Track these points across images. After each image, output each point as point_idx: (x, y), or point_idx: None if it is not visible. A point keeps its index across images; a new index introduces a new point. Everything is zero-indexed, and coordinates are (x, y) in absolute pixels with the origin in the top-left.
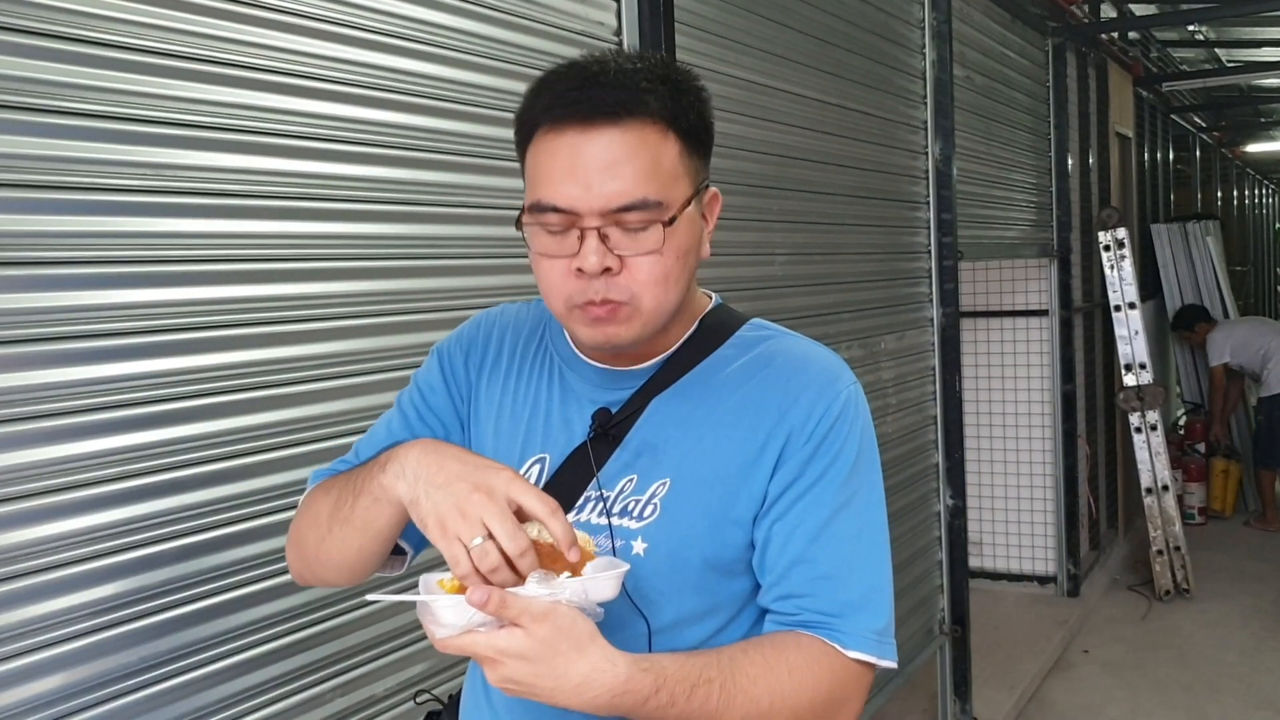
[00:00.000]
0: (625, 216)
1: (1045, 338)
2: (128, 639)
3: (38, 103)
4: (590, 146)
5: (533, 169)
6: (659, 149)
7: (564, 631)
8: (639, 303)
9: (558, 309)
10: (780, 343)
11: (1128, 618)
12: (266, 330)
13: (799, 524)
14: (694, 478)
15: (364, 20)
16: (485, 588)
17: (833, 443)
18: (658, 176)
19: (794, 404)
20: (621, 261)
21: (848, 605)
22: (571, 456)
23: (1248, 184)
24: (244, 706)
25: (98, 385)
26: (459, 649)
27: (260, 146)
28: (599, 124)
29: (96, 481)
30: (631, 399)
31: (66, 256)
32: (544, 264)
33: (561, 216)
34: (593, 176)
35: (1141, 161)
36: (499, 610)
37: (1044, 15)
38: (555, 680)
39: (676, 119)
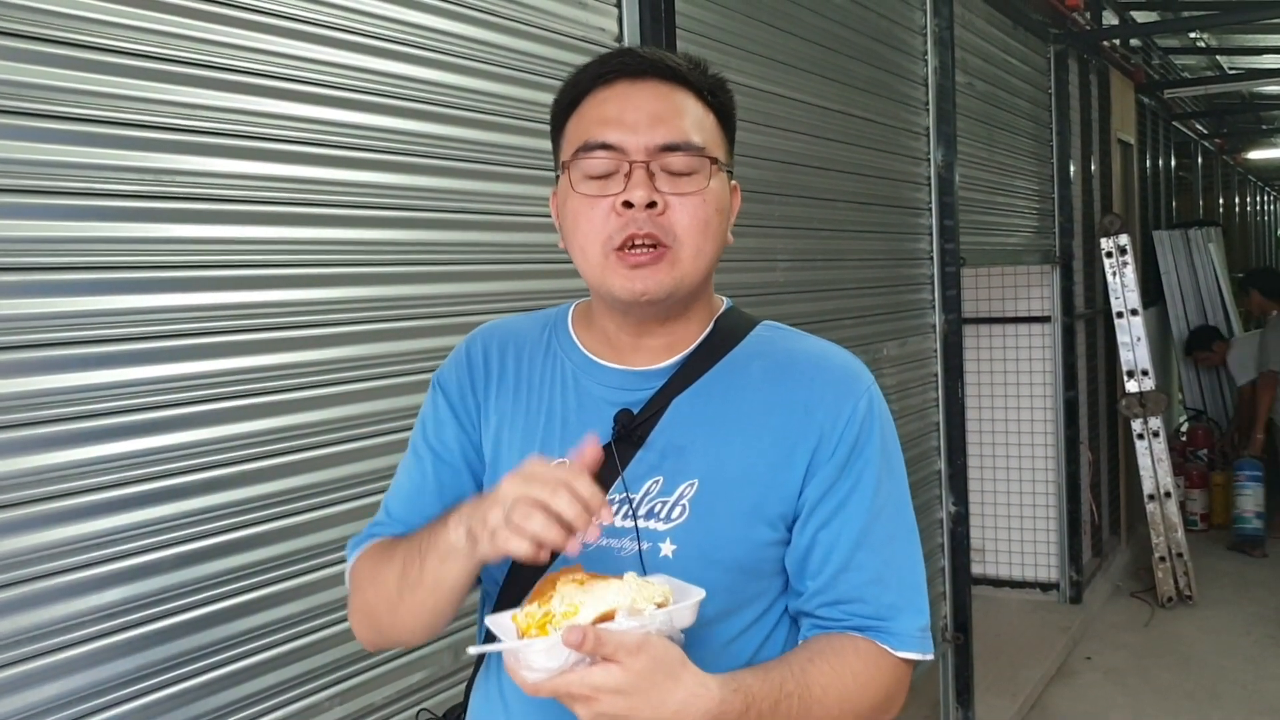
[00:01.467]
0: (672, 157)
1: (1047, 344)
2: (125, 646)
3: (33, 108)
4: (640, 93)
5: (578, 123)
6: (699, 112)
7: (659, 662)
8: (679, 248)
9: (594, 256)
10: (798, 342)
11: (1130, 624)
12: (264, 336)
13: (842, 530)
14: (723, 478)
15: (364, 26)
16: (579, 626)
17: (864, 445)
18: (701, 128)
19: (820, 404)
20: (665, 201)
21: (894, 608)
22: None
23: (1249, 190)
24: (242, 714)
25: (95, 391)
26: (552, 691)
27: (258, 152)
28: (648, 77)
29: (95, 488)
30: (652, 400)
31: (63, 262)
32: (585, 207)
33: (609, 154)
34: (642, 117)
35: (1143, 168)
36: (595, 648)
37: (1046, 22)
38: (652, 711)
39: (714, 95)
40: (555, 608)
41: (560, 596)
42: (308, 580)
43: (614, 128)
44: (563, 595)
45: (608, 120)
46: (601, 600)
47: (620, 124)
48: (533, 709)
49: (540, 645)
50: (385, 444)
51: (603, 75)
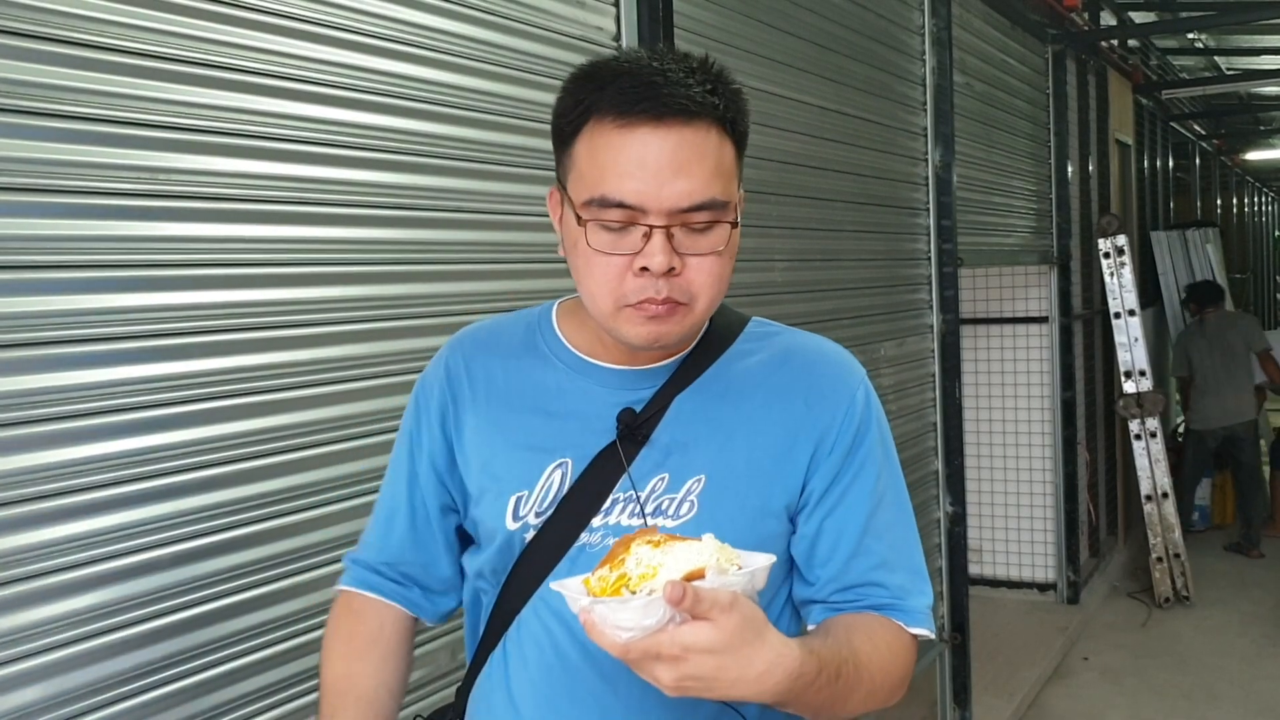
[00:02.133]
0: (693, 216)
1: (1045, 344)
2: (120, 646)
3: (30, 105)
4: (662, 144)
5: (592, 163)
6: (720, 151)
7: (750, 621)
8: (695, 304)
9: (604, 307)
10: (790, 338)
11: (1128, 625)
12: (261, 335)
13: (849, 518)
14: (729, 473)
15: (362, 25)
16: (680, 583)
17: (864, 435)
18: (721, 177)
19: (819, 396)
20: (683, 263)
21: (903, 588)
22: (596, 459)
23: (1247, 191)
24: (238, 714)
25: (91, 389)
26: (642, 651)
27: (256, 150)
28: (670, 122)
29: (90, 487)
30: (655, 398)
31: (59, 261)
32: (598, 261)
33: (626, 212)
34: (665, 174)
35: (1141, 169)
36: (693, 605)
37: (1044, 22)
38: (740, 670)
39: (735, 122)
40: (630, 570)
41: (635, 559)
42: (302, 580)
43: (633, 182)
44: (638, 558)
45: (627, 174)
46: (684, 560)
47: (640, 179)
48: (545, 708)
49: (637, 602)
50: (380, 443)
51: (618, 105)
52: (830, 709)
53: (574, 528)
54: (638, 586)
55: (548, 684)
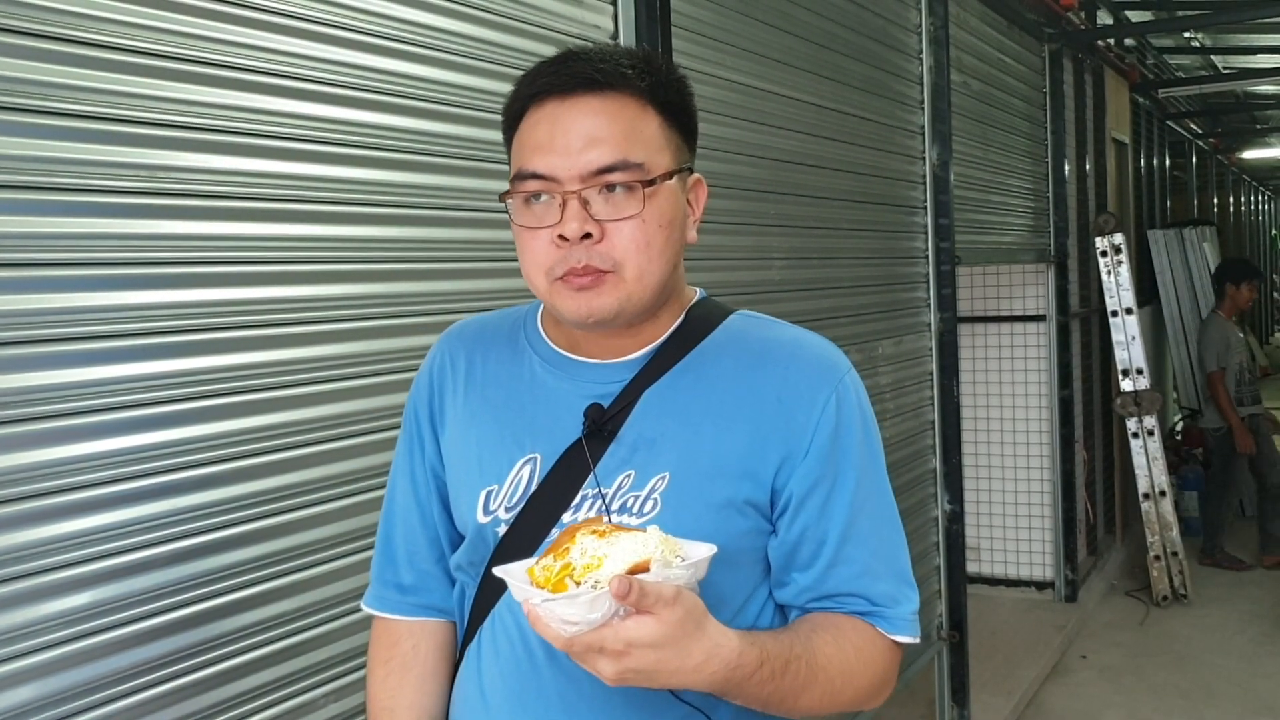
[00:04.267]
0: (605, 179)
1: (1043, 343)
2: (118, 644)
3: (25, 103)
4: (569, 113)
5: (516, 147)
6: (638, 118)
7: (689, 614)
8: (622, 271)
9: (540, 285)
10: (772, 331)
11: (1125, 623)
12: (256, 333)
13: (829, 524)
14: (694, 470)
15: (358, 22)
16: (627, 578)
17: (842, 435)
18: (638, 141)
19: (794, 393)
20: (602, 228)
21: (886, 595)
22: (565, 455)
23: (1244, 190)
24: (236, 712)
25: (88, 387)
26: (585, 646)
27: (252, 148)
28: (578, 93)
29: (87, 485)
30: (623, 392)
31: (54, 258)
32: (525, 237)
33: (542, 183)
34: (572, 141)
35: (1138, 167)
36: (639, 599)
37: (1041, 21)
38: (679, 662)
39: (655, 93)
40: (575, 560)
41: (580, 549)
42: (301, 577)
43: (543, 154)
44: (584, 548)
45: (538, 146)
46: (629, 552)
47: (550, 149)
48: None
49: (584, 597)
50: (376, 441)
51: (535, 94)
52: (779, 704)
53: (544, 524)
54: (582, 577)
55: (516, 678)
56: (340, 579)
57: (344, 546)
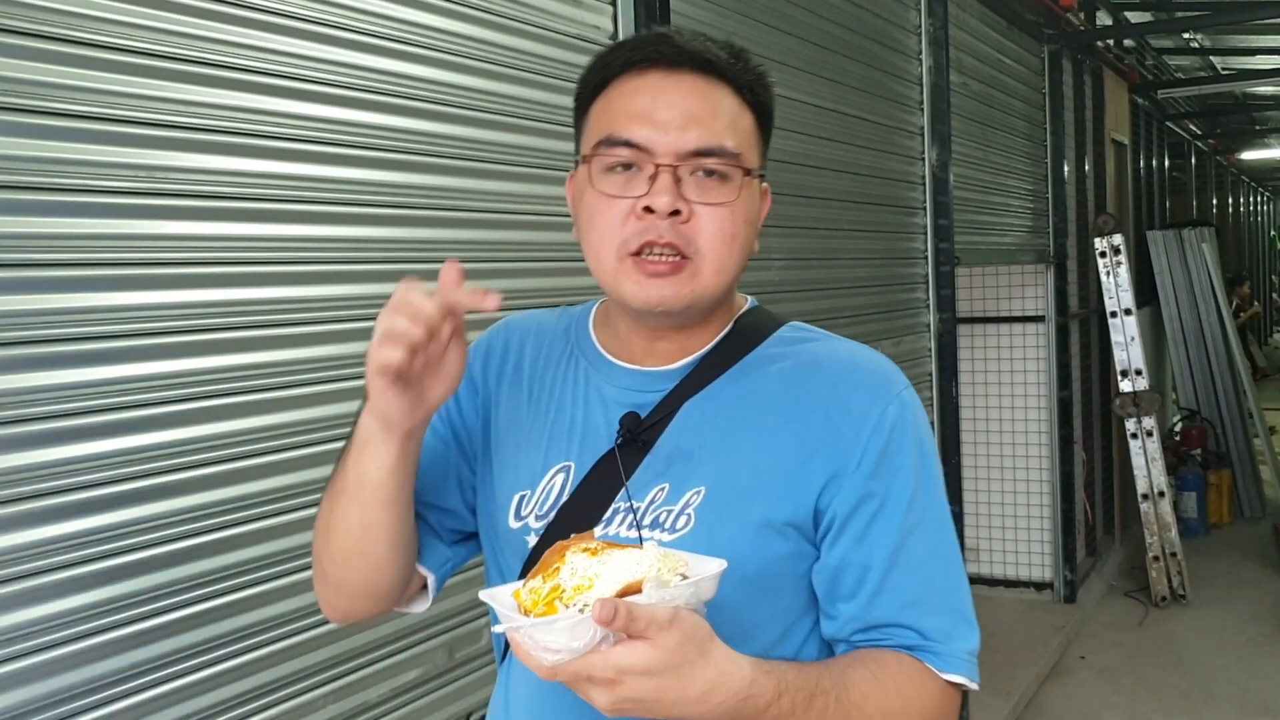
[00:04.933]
0: (703, 161)
1: (1042, 344)
2: (118, 644)
3: (24, 103)
4: (675, 88)
5: (602, 112)
6: (738, 111)
7: (690, 638)
8: (701, 261)
9: (606, 262)
10: (824, 345)
11: (1124, 624)
12: (255, 334)
13: (874, 550)
14: (731, 486)
15: (357, 23)
16: (611, 600)
17: (894, 455)
18: (736, 130)
19: (843, 410)
20: (691, 209)
21: (939, 630)
22: (598, 465)
23: (1243, 191)
24: (236, 713)
25: (89, 389)
26: (572, 674)
27: (249, 149)
28: (685, 70)
29: (87, 485)
30: (662, 402)
31: (51, 259)
32: (601, 206)
33: (634, 153)
34: (674, 116)
35: (1137, 168)
36: (627, 624)
37: (1040, 22)
38: (680, 692)
39: (754, 90)
40: (565, 581)
41: (570, 569)
42: (300, 578)
43: (642, 124)
44: (574, 568)
45: (636, 115)
46: (622, 571)
47: (650, 121)
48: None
49: (564, 623)
50: None
51: (635, 62)
52: None
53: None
54: (572, 600)
55: (539, 695)
56: None
57: None
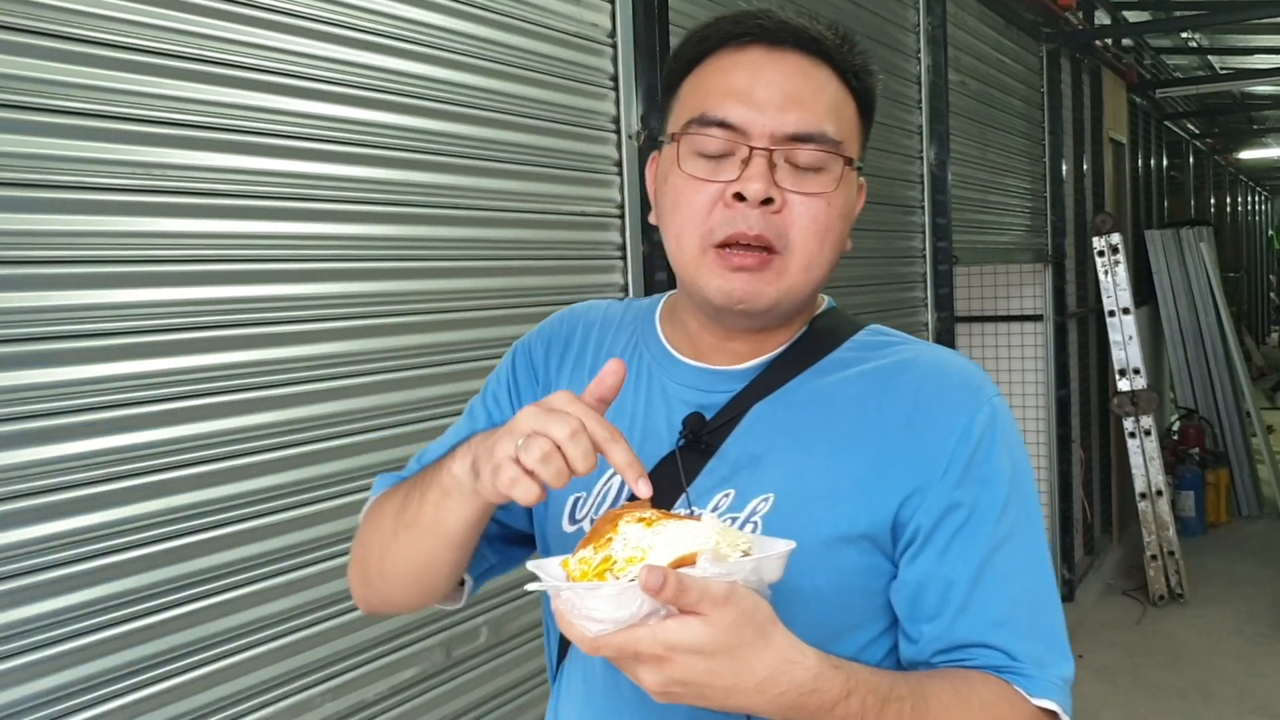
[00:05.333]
0: (801, 148)
1: (1040, 343)
2: (114, 643)
3: (27, 100)
4: (776, 66)
5: (695, 89)
6: (840, 97)
7: (749, 617)
8: (790, 256)
9: (689, 250)
10: (908, 349)
11: (1122, 623)
12: (257, 331)
13: (958, 565)
14: (803, 494)
15: (357, 20)
16: (659, 568)
17: (982, 465)
18: (839, 117)
19: (927, 418)
20: (784, 198)
21: (1029, 653)
22: (658, 467)
23: (1240, 190)
24: (233, 711)
25: (86, 386)
26: (617, 648)
27: (252, 146)
28: (788, 49)
29: (84, 483)
30: (730, 404)
31: (55, 256)
32: (687, 190)
33: (728, 134)
34: (774, 96)
35: (1135, 167)
36: (677, 595)
37: (1038, 21)
38: (735, 677)
39: (857, 79)
40: (617, 552)
41: (623, 539)
42: (297, 576)
43: (738, 103)
44: (626, 538)
45: (733, 92)
46: (677, 543)
47: (747, 99)
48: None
49: (608, 589)
50: (373, 440)
51: (735, 36)
52: None
53: None
54: (622, 571)
55: (590, 710)
56: (335, 578)
57: (338, 546)
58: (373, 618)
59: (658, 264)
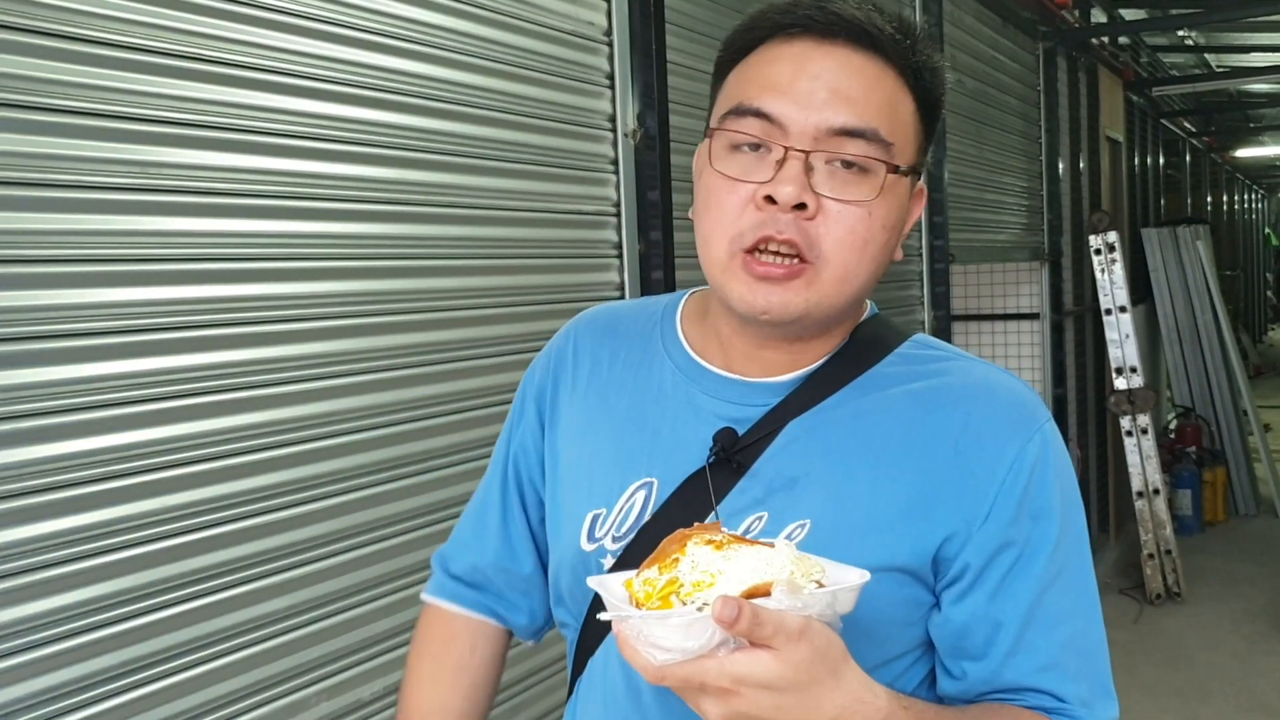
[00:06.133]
0: (844, 144)
1: (1037, 341)
2: (109, 642)
3: (24, 99)
4: (824, 59)
5: (737, 80)
6: (897, 95)
7: (822, 654)
8: (822, 266)
9: (717, 254)
10: (955, 365)
11: (1119, 621)
12: (254, 330)
13: (1009, 605)
14: (843, 522)
15: (355, 19)
16: (734, 599)
17: (1035, 497)
18: (892, 117)
19: (975, 444)
20: (820, 203)
21: (1077, 697)
22: (685, 485)
23: (1237, 188)
24: (228, 710)
25: (83, 384)
26: (683, 679)
27: (250, 145)
28: (840, 41)
29: (77, 483)
30: (764, 419)
31: (52, 254)
32: (719, 189)
33: (765, 126)
34: (817, 89)
35: (1132, 166)
36: (752, 629)
37: (1035, 20)
38: (804, 712)
39: (919, 77)
40: (684, 575)
41: (691, 562)
42: (293, 575)
43: (778, 95)
44: (694, 561)
45: (773, 84)
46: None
47: (789, 92)
48: None
49: (679, 619)
50: (369, 438)
51: (784, 26)
52: None
53: None
54: (689, 596)
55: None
56: (331, 577)
57: (334, 545)
58: (370, 619)
59: (654, 262)
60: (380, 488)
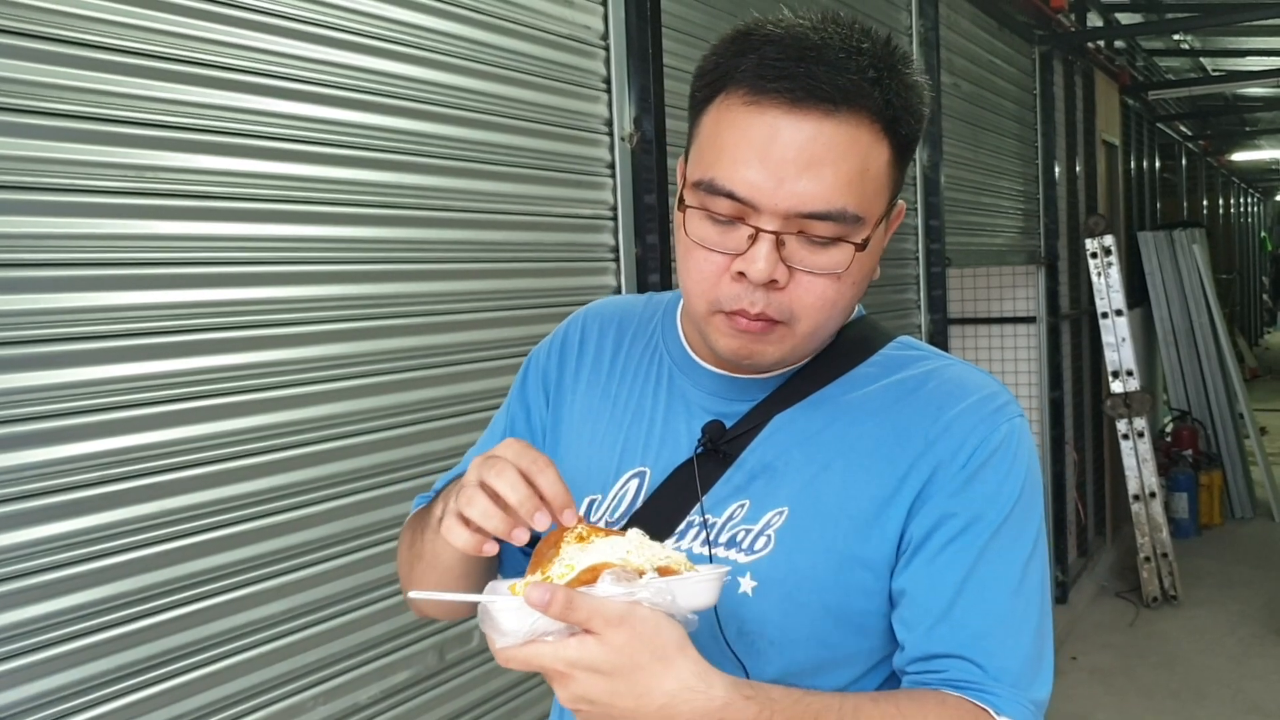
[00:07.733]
0: (813, 225)
1: (1033, 344)
2: (110, 645)
3: (13, 103)
4: (792, 132)
5: (711, 140)
6: (869, 154)
7: (645, 639)
8: (796, 325)
9: (698, 309)
10: (932, 364)
11: (1116, 624)
12: (248, 334)
13: (943, 574)
14: (817, 509)
15: (346, 22)
16: (547, 585)
17: (987, 478)
18: (862, 187)
19: (944, 434)
20: (791, 275)
21: (1004, 670)
22: (675, 474)
23: (1233, 192)
24: (227, 713)
25: (78, 389)
26: (523, 662)
27: (241, 149)
28: (809, 108)
29: (79, 485)
30: (750, 413)
31: (42, 259)
32: (696, 256)
33: (735, 206)
34: (788, 170)
35: (1128, 169)
36: (564, 612)
37: (1031, 24)
38: (636, 699)
39: (896, 122)
40: (554, 571)
41: (561, 559)
42: (290, 579)
43: (750, 172)
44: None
45: (741, 161)
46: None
47: (760, 168)
48: None
49: (506, 604)
50: (369, 442)
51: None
52: None
53: None
54: None
55: None
56: (330, 581)
57: (334, 548)
58: (366, 622)
59: (650, 266)
60: (376, 492)
